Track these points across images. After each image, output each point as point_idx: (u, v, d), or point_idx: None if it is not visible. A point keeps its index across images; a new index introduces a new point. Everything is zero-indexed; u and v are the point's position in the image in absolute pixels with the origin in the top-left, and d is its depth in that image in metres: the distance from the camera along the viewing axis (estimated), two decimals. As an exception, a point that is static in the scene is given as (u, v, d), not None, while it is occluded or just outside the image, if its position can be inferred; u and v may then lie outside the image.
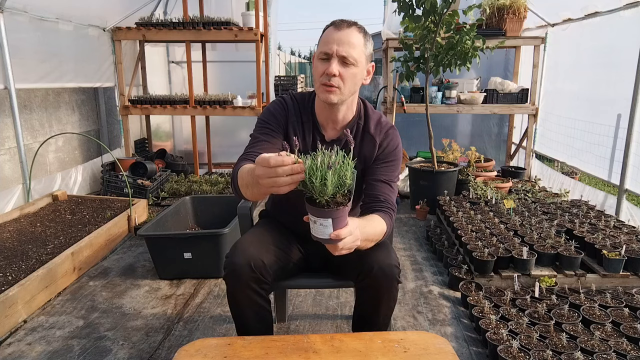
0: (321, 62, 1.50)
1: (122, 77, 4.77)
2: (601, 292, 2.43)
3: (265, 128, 1.62)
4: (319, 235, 1.19)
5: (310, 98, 1.68)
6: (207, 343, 1.41)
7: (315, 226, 1.18)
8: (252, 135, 1.63)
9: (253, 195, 1.38)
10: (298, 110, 1.66)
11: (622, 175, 3.46)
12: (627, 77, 3.35)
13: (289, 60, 14.20)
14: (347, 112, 1.62)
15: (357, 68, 1.50)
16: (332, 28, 1.50)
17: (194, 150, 4.95)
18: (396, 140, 1.67)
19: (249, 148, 1.57)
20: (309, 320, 2.35)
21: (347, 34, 1.48)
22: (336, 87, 1.49)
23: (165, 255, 2.75)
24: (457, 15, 3.75)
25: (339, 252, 1.24)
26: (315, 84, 1.56)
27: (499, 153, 5.85)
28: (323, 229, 1.17)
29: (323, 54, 1.49)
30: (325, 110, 1.61)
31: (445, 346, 1.38)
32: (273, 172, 1.11)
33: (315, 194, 1.15)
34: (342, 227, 1.18)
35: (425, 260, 3.12)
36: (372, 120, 1.66)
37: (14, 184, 3.67)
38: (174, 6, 5.49)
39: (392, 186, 1.63)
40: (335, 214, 1.16)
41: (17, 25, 3.48)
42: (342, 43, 1.46)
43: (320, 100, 1.57)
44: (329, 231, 1.17)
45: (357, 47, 1.48)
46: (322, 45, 1.50)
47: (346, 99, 1.55)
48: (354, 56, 1.47)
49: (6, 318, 2.18)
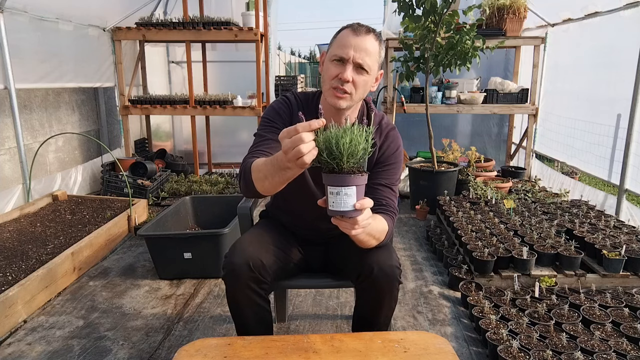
0: (334, 65, 1.47)
1: (122, 77, 4.77)
2: (601, 292, 2.43)
3: (271, 127, 1.59)
4: (342, 207, 1.16)
5: (315, 98, 1.67)
6: (207, 343, 1.41)
7: (337, 199, 1.16)
8: (257, 134, 1.61)
9: (272, 185, 1.33)
10: (302, 109, 1.64)
11: (622, 175, 3.46)
12: (627, 77, 3.35)
13: (289, 60, 14.21)
14: (351, 115, 1.61)
15: (370, 76, 1.50)
16: (350, 32, 1.47)
17: (194, 150, 4.95)
18: (397, 143, 1.66)
19: (256, 147, 1.55)
20: (309, 320, 2.35)
21: (365, 40, 1.46)
22: (348, 94, 1.48)
23: (165, 255, 2.75)
24: (457, 15, 3.75)
25: (356, 231, 1.23)
26: (324, 85, 1.54)
27: (499, 153, 5.85)
28: (346, 199, 1.16)
29: (338, 57, 1.46)
30: (330, 112, 1.59)
31: (445, 346, 1.38)
32: (298, 139, 1.11)
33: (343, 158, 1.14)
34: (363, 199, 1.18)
35: (425, 260, 3.12)
36: (374, 122, 1.65)
37: (14, 184, 3.67)
38: (174, 6, 5.49)
39: (393, 190, 1.63)
40: (360, 181, 1.16)
41: (17, 25, 3.48)
42: (360, 50, 1.45)
43: (327, 103, 1.55)
44: (352, 201, 1.16)
45: (372, 55, 1.47)
46: (338, 48, 1.47)
47: (354, 104, 1.55)
48: (369, 64, 1.46)
49: (6, 318, 2.18)
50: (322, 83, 1.56)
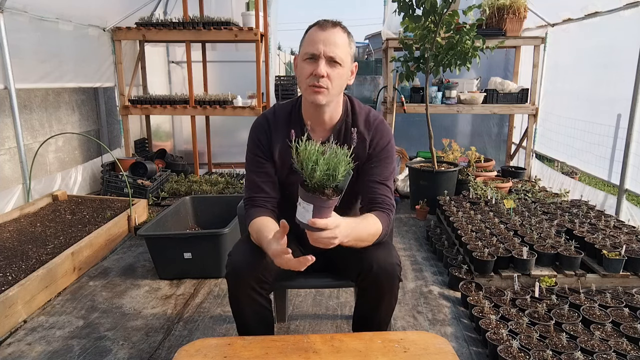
0: (307, 63, 1.48)
1: (122, 77, 4.77)
2: (601, 292, 2.43)
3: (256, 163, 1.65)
4: (300, 217, 1.26)
5: (297, 104, 1.67)
6: (207, 343, 1.41)
7: (299, 208, 1.25)
8: (247, 169, 1.68)
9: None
10: (283, 121, 1.64)
11: (622, 175, 3.46)
12: (627, 77, 3.35)
13: (289, 60, 14.20)
14: (334, 113, 1.61)
15: (343, 68, 1.51)
16: (317, 28, 1.49)
17: (194, 150, 4.95)
18: (387, 136, 1.65)
19: (251, 191, 1.65)
20: (309, 320, 2.35)
21: (333, 33, 1.47)
22: (325, 88, 1.48)
23: (165, 255, 2.75)
24: (457, 15, 3.75)
25: (312, 242, 1.31)
26: (301, 85, 1.54)
27: (499, 153, 5.86)
28: (304, 212, 1.24)
29: (309, 54, 1.47)
30: (312, 113, 1.59)
31: (445, 346, 1.38)
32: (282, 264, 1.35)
33: (305, 176, 1.22)
34: (321, 218, 1.24)
35: (425, 260, 3.12)
36: (361, 117, 1.64)
37: (14, 184, 3.67)
38: (174, 6, 5.49)
39: (388, 185, 1.63)
40: (318, 202, 1.21)
41: (17, 25, 3.48)
42: (329, 43, 1.46)
43: (308, 103, 1.56)
44: (308, 216, 1.23)
45: (342, 47, 1.48)
46: (308, 45, 1.48)
47: (333, 99, 1.55)
48: (340, 56, 1.47)
49: (6, 318, 2.18)
50: (299, 84, 1.57)
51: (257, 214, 1.58)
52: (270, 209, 1.64)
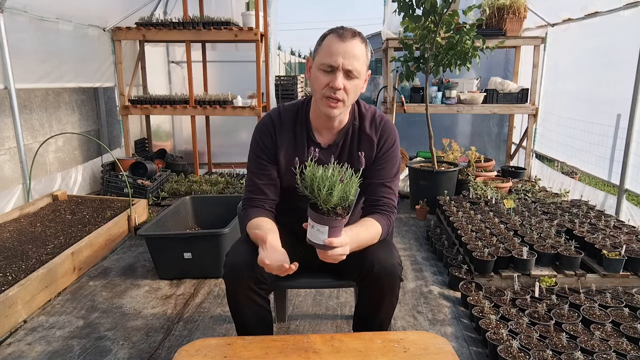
0: (324, 74, 1.47)
1: (122, 77, 4.77)
2: (601, 292, 2.43)
3: (258, 165, 1.64)
4: (314, 239, 1.30)
5: (304, 106, 1.66)
6: (207, 343, 1.41)
7: (312, 230, 1.29)
8: (248, 169, 1.68)
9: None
10: (289, 122, 1.64)
11: (622, 175, 3.46)
12: (627, 77, 3.35)
13: (289, 60, 14.21)
14: (343, 117, 1.62)
15: (360, 80, 1.50)
16: (336, 38, 1.46)
17: (194, 150, 4.95)
18: (393, 136, 1.66)
19: (251, 192, 1.65)
20: (309, 320, 2.35)
21: (352, 46, 1.45)
22: (340, 101, 1.48)
23: (165, 255, 2.75)
24: (457, 15, 3.75)
25: (324, 259, 1.35)
26: (315, 94, 1.53)
27: (499, 153, 5.85)
28: (319, 234, 1.28)
29: (327, 66, 1.45)
30: (322, 119, 1.60)
31: (445, 346, 1.38)
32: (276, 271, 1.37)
33: (320, 201, 1.26)
34: (336, 237, 1.29)
35: (425, 260, 3.12)
36: (367, 119, 1.65)
37: (14, 184, 3.67)
38: (174, 6, 5.48)
39: (392, 188, 1.63)
40: (333, 223, 1.27)
41: (17, 25, 3.48)
42: (348, 56, 1.44)
43: (319, 111, 1.55)
44: (323, 237, 1.28)
45: (361, 59, 1.47)
46: (326, 56, 1.46)
47: (346, 109, 1.56)
48: (358, 69, 1.47)
49: (6, 318, 2.18)
50: (313, 92, 1.56)
51: (255, 215, 1.58)
52: (268, 209, 1.64)
